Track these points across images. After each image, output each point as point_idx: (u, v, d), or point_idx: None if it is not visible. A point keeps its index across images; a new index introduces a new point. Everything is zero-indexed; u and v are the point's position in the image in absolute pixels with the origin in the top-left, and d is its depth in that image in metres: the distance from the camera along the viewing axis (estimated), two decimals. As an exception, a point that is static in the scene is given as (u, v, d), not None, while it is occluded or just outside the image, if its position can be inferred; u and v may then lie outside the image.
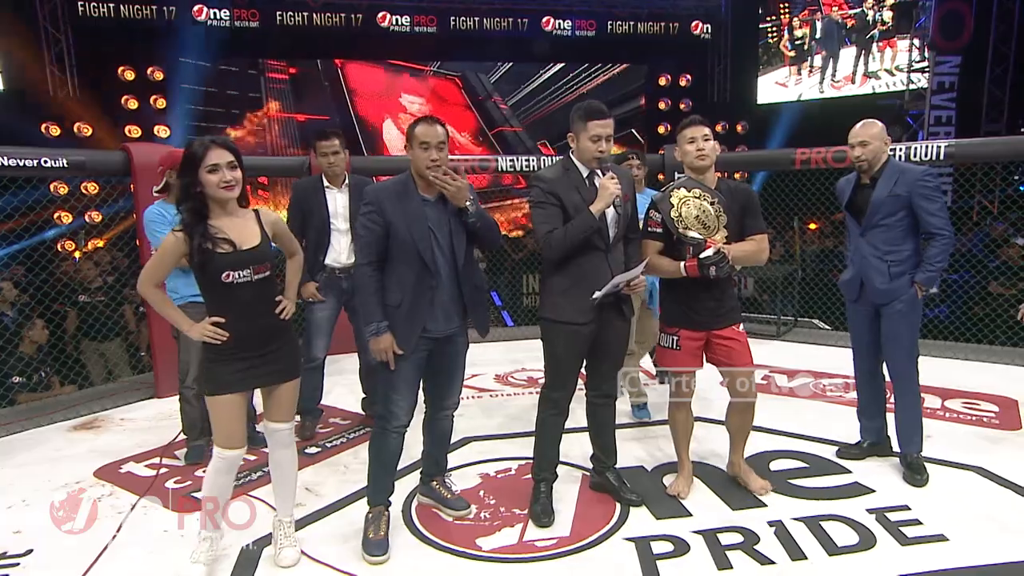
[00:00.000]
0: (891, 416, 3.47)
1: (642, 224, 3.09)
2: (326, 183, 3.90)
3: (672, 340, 3.08)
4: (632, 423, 4.12)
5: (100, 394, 5.03)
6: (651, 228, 3.04)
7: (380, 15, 11.60)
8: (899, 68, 12.03)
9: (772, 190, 6.71)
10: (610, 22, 12.55)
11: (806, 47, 12.75)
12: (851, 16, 12.34)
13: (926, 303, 3.31)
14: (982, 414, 4.16)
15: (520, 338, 6.29)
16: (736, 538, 2.81)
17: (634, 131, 13.17)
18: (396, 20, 11.74)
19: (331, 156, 3.83)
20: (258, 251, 2.53)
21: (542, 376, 3.06)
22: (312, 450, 3.85)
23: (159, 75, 10.84)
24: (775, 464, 3.47)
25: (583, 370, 3.04)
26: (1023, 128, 11.00)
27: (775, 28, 12.96)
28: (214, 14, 10.97)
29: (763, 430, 3.69)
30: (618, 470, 3.23)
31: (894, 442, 3.47)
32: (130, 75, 10.70)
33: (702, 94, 13.16)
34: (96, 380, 5.73)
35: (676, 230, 2.92)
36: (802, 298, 6.92)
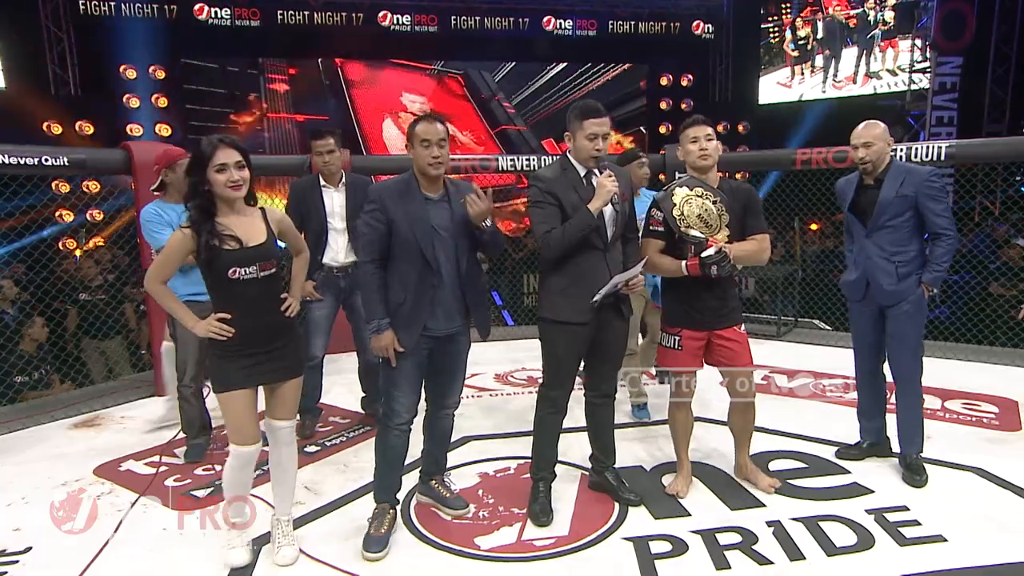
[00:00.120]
0: (891, 417, 3.47)
1: (644, 223, 3.09)
2: (323, 182, 3.91)
3: (674, 340, 3.08)
4: (631, 423, 4.12)
5: (100, 392, 5.04)
6: (653, 227, 3.03)
7: (381, 14, 11.59)
8: (901, 68, 12.01)
9: (777, 191, 6.71)
10: (611, 22, 12.52)
11: (809, 47, 12.73)
12: (853, 16, 12.32)
13: (927, 304, 3.30)
14: (982, 415, 4.16)
15: (520, 337, 6.29)
16: (734, 538, 2.81)
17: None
18: (397, 19, 11.72)
19: (326, 155, 3.84)
20: (264, 248, 2.56)
21: (541, 376, 3.06)
22: (311, 449, 3.86)
23: (161, 74, 10.84)
24: (774, 464, 3.47)
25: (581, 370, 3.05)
26: (1025, 129, 10.99)
27: (777, 28, 12.95)
28: (215, 12, 10.95)
29: (763, 430, 3.68)
30: (617, 470, 3.23)
31: (894, 443, 3.46)
32: (132, 73, 10.69)
33: (703, 94, 13.13)
34: (97, 378, 5.74)
35: (678, 229, 2.92)
36: (802, 298, 6.92)
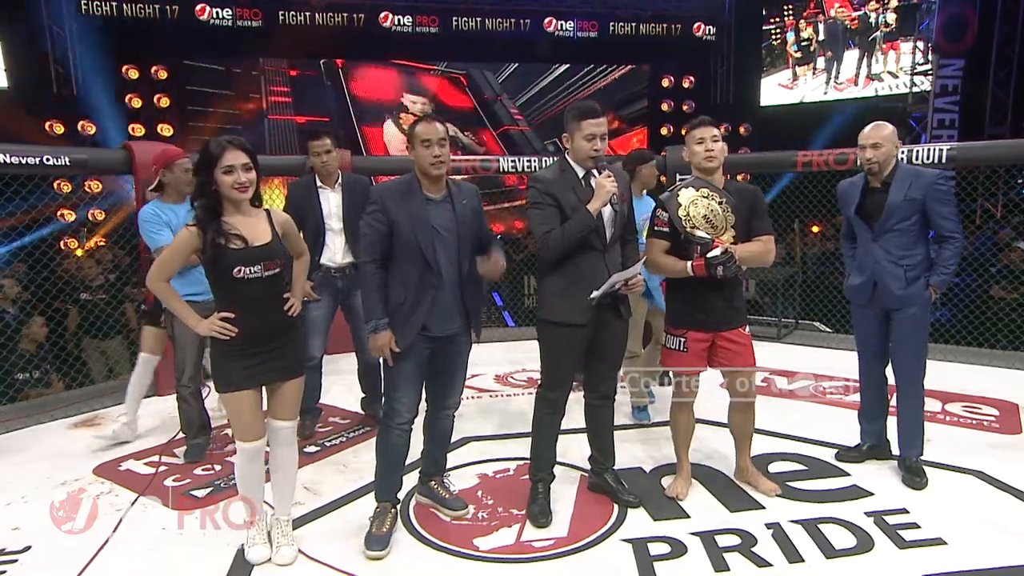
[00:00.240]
0: (891, 419, 3.47)
1: (649, 223, 3.09)
2: (319, 183, 3.91)
3: (679, 342, 3.07)
4: (631, 424, 4.12)
5: (101, 391, 5.03)
6: (658, 227, 3.03)
7: (382, 15, 11.60)
8: (902, 70, 12.01)
9: (779, 193, 6.71)
10: (612, 23, 12.51)
11: (812, 48, 12.73)
12: (854, 18, 12.32)
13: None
14: (982, 418, 4.15)
15: (520, 338, 6.29)
16: (733, 540, 2.81)
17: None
18: (398, 20, 11.71)
19: (324, 155, 3.84)
20: (269, 248, 2.58)
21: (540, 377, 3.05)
22: (311, 449, 3.86)
23: (163, 74, 10.84)
24: (774, 466, 3.46)
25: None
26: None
27: (779, 30, 12.94)
28: (216, 13, 10.95)
29: (763, 432, 3.67)
30: (616, 471, 3.23)
31: (894, 445, 3.46)
32: (134, 74, 10.71)
33: (705, 96, 13.12)
34: (97, 378, 5.74)
35: (683, 229, 2.92)
36: (803, 300, 6.91)
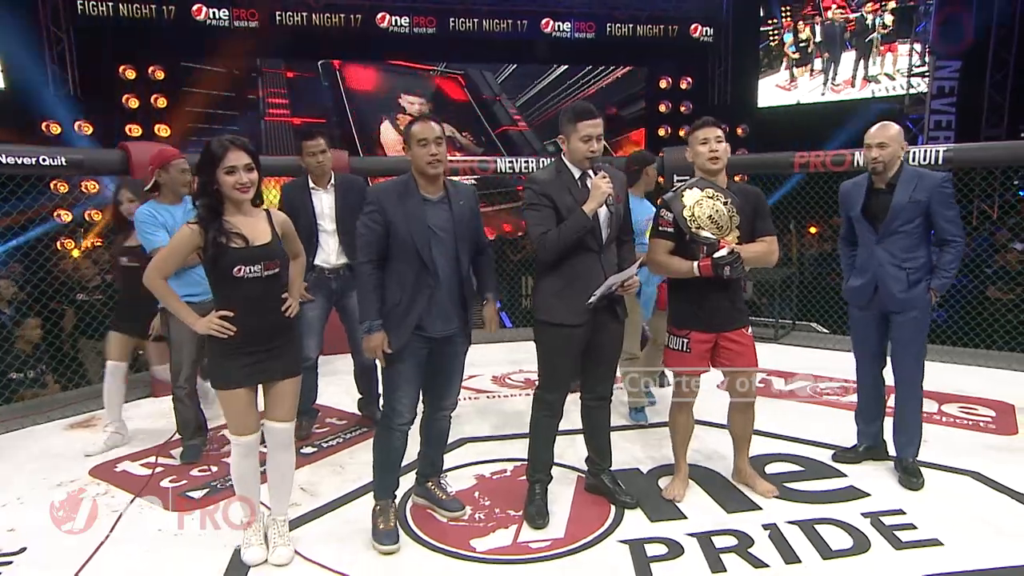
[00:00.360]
0: (888, 420, 3.47)
1: (652, 224, 3.09)
2: (312, 184, 3.90)
3: (682, 342, 3.06)
4: (628, 425, 4.11)
5: (96, 392, 4.97)
6: (662, 227, 3.02)
7: (379, 16, 11.59)
8: (899, 72, 12.04)
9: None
10: (609, 24, 12.52)
11: (809, 50, 12.76)
12: (851, 20, 12.35)
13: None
14: (978, 419, 4.16)
15: (518, 339, 6.28)
16: (730, 541, 2.81)
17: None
18: (395, 21, 11.72)
19: (319, 155, 3.83)
20: (269, 248, 2.59)
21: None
22: (308, 450, 3.85)
23: (160, 74, 10.83)
24: (771, 467, 3.47)
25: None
26: (1023, 133, 11.00)
27: (776, 31, 12.97)
28: (213, 13, 10.95)
29: (760, 433, 3.67)
30: (613, 472, 3.23)
31: (890, 446, 3.46)
32: (131, 74, 10.69)
33: (703, 97, 13.14)
34: (93, 379, 5.71)
35: (688, 230, 2.91)
36: (800, 301, 6.92)
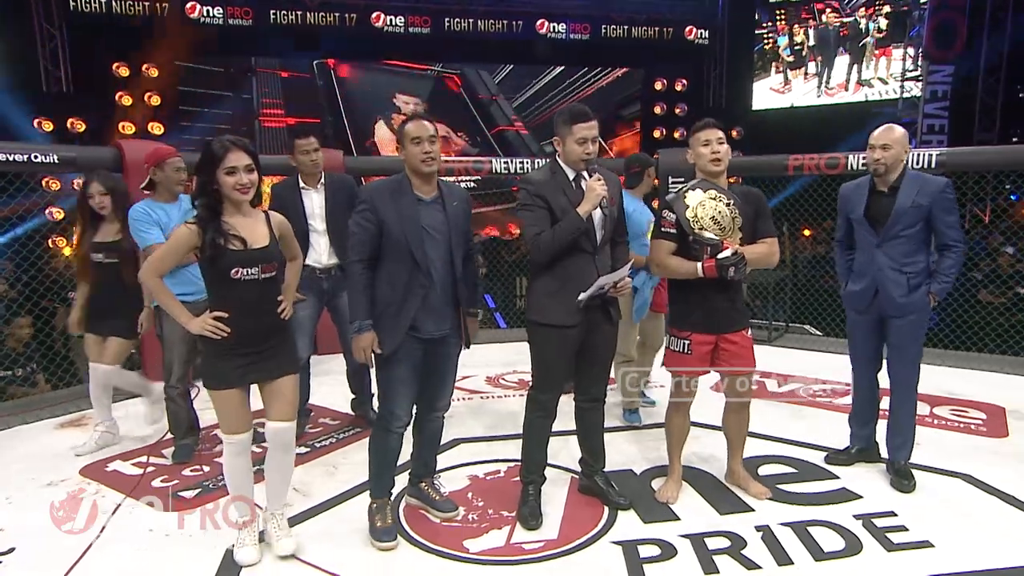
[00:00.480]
0: (881, 423, 3.48)
1: (655, 225, 3.09)
2: (302, 183, 3.87)
3: (683, 344, 3.05)
4: (621, 427, 4.11)
5: (87, 391, 4.97)
6: (664, 228, 3.01)
7: (374, 15, 11.57)
8: (893, 76, 12.10)
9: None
10: (604, 26, 12.54)
11: (803, 53, 12.81)
12: (845, 25, 12.41)
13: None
14: (970, 421, 4.17)
15: (512, 340, 6.28)
16: (723, 543, 2.81)
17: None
18: (390, 20, 11.70)
19: (312, 153, 3.82)
20: (267, 251, 2.59)
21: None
22: (301, 450, 3.82)
23: (154, 71, 10.77)
24: (764, 469, 3.47)
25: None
26: (1015, 138, 11.08)
27: (771, 35, 13.01)
28: (207, 11, 10.90)
29: (753, 435, 3.66)
30: (606, 473, 3.23)
31: (882, 448, 3.47)
32: (124, 71, 10.63)
33: (698, 99, 13.17)
34: (85, 378, 5.67)
35: (691, 231, 2.91)
36: (794, 304, 6.93)
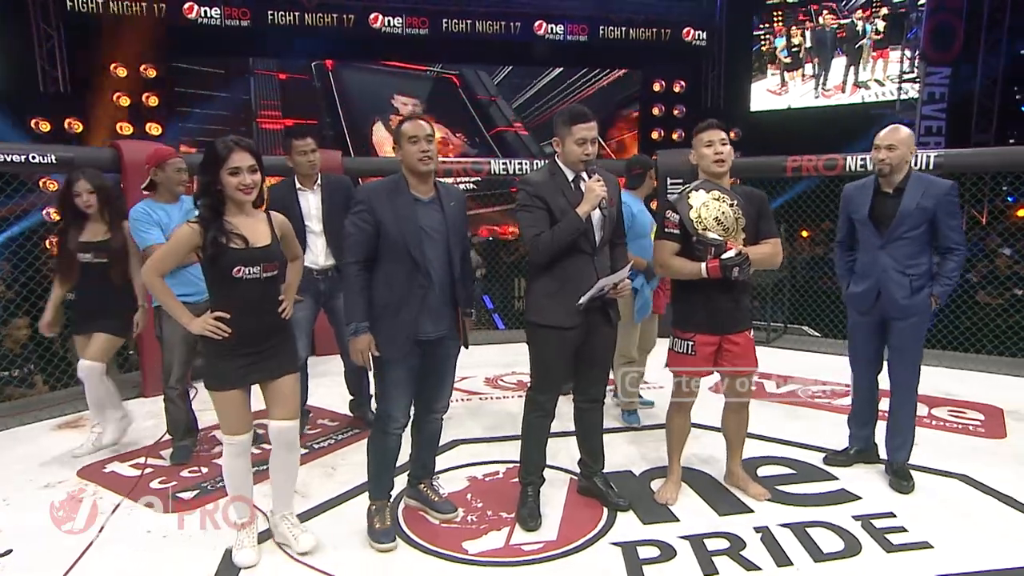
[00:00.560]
0: (880, 424, 3.49)
1: (658, 225, 3.09)
2: (298, 184, 3.86)
3: (687, 345, 3.04)
4: (620, 428, 4.11)
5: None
6: (668, 229, 3.01)
7: (372, 16, 11.57)
8: (890, 78, 12.12)
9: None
10: (602, 27, 12.55)
11: (801, 55, 12.84)
12: (842, 27, 12.43)
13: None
14: (968, 422, 4.18)
15: (511, 341, 6.28)
16: (722, 544, 2.81)
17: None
18: (388, 21, 11.69)
19: (310, 154, 3.81)
20: (269, 250, 2.59)
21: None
22: (300, 451, 3.81)
23: (151, 72, 10.76)
24: (763, 470, 3.47)
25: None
26: (1012, 139, 11.11)
27: (768, 36, 13.04)
28: (204, 12, 10.89)
29: (752, 436, 3.66)
30: (605, 474, 3.23)
31: (881, 449, 3.47)
32: (122, 72, 10.62)
33: (696, 100, 13.19)
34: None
35: (695, 231, 2.91)
36: (792, 305, 6.94)
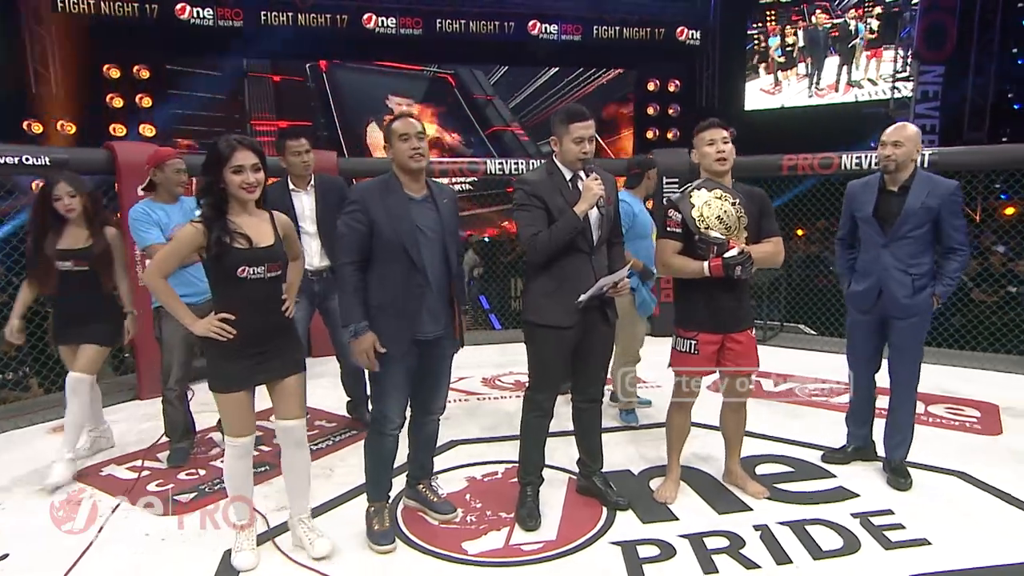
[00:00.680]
0: (877, 421, 3.49)
1: (660, 224, 3.08)
2: (292, 185, 3.85)
3: (690, 344, 3.03)
4: (619, 427, 4.11)
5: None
6: (670, 228, 3.00)
7: (365, 16, 11.56)
8: (883, 77, 12.17)
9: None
10: (596, 27, 12.57)
11: (795, 54, 12.87)
12: (835, 27, 12.48)
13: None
14: (964, 419, 4.20)
15: (508, 341, 6.27)
16: (722, 542, 2.81)
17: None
18: (382, 22, 11.69)
19: (304, 155, 3.80)
20: (272, 250, 2.58)
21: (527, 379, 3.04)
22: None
23: (145, 73, 10.73)
24: (761, 468, 3.48)
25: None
26: (1004, 137, 11.16)
27: (761, 35, 13.07)
28: (197, 12, 10.87)
29: (750, 434, 3.67)
30: (604, 474, 3.22)
31: (879, 447, 3.48)
32: (115, 73, 10.58)
33: (690, 100, 13.22)
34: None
35: (697, 230, 2.91)
36: (788, 303, 6.95)
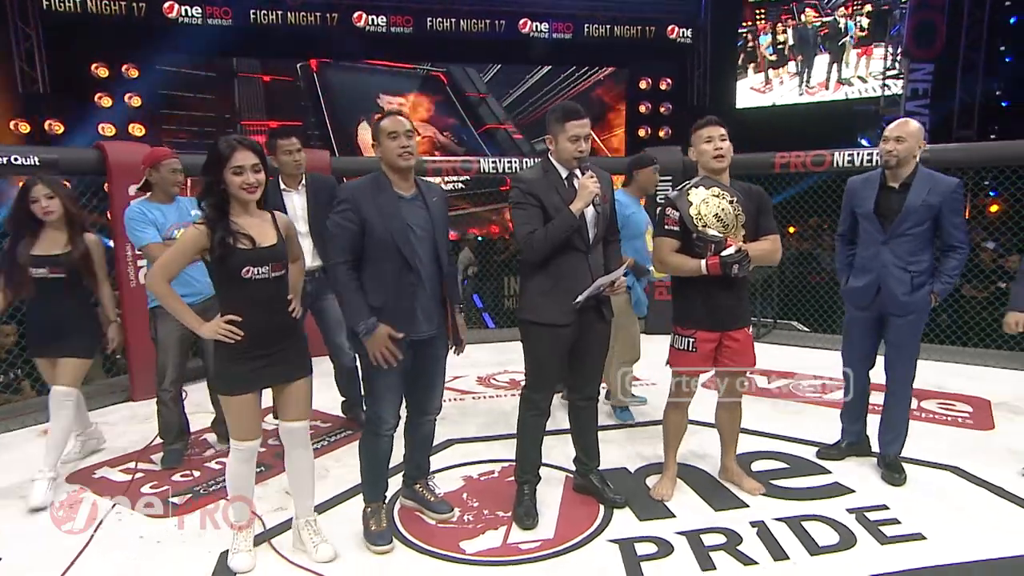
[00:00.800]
0: (871, 417, 3.51)
1: (658, 222, 3.08)
2: (283, 185, 3.82)
3: (688, 342, 3.03)
4: (615, 425, 4.12)
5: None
6: (668, 226, 2.99)
7: (356, 15, 11.52)
8: (872, 75, 12.23)
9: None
10: (587, 25, 12.58)
11: (786, 52, 12.92)
12: (824, 25, 12.53)
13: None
14: (957, 415, 4.22)
15: (502, 340, 6.28)
16: (719, 539, 2.82)
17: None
18: (372, 20, 11.66)
19: (295, 154, 3.77)
20: (276, 250, 2.56)
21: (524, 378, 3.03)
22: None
23: (134, 72, 10.65)
24: (756, 465, 3.49)
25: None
26: (993, 135, 11.23)
27: (751, 34, 13.12)
28: (185, 11, 10.80)
29: (744, 431, 3.69)
30: (601, 472, 3.23)
31: (873, 442, 3.50)
32: (103, 72, 10.50)
33: (682, 98, 13.25)
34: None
35: (695, 228, 2.91)
36: (781, 300, 6.98)
